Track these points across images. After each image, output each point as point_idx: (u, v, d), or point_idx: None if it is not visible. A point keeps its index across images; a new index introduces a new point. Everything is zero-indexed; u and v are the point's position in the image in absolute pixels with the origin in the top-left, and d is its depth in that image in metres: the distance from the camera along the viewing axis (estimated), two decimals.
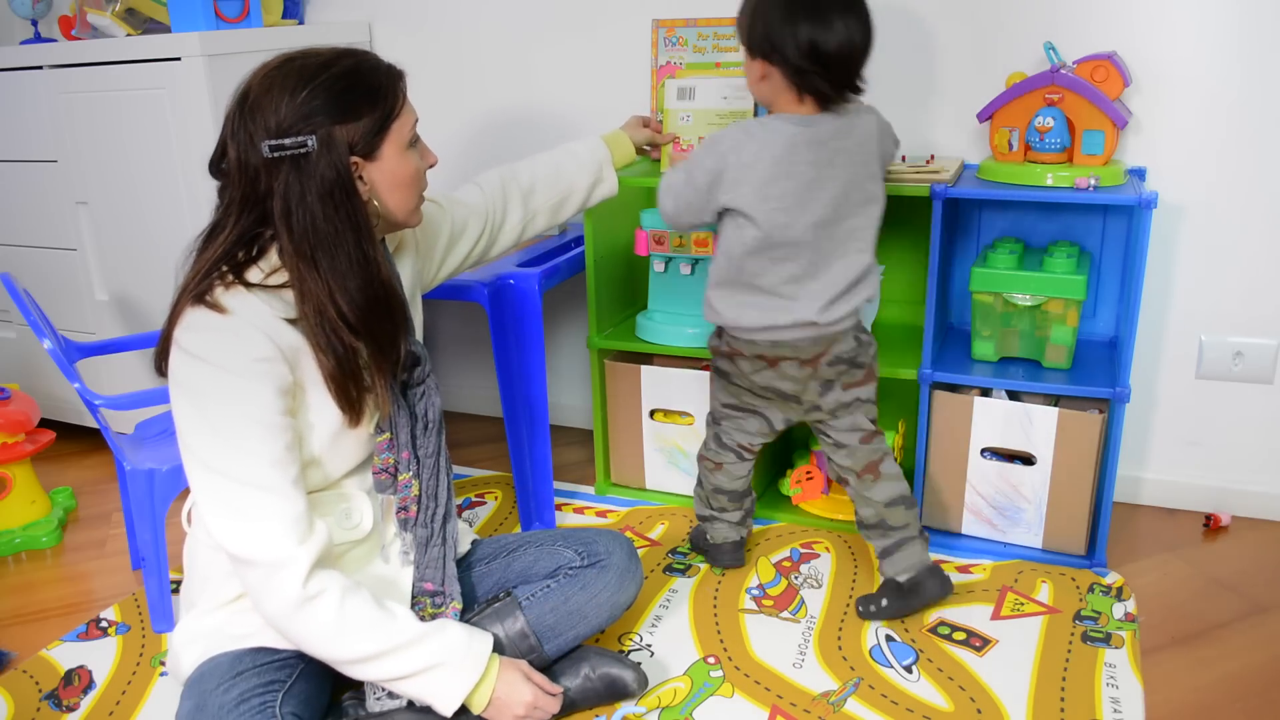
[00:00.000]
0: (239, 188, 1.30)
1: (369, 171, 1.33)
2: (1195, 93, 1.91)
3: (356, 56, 1.34)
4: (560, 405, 2.65)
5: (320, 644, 1.31)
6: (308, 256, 1.28)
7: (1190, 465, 2.11)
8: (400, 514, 1.46)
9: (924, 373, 1.89)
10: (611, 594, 1.55)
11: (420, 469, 1.47)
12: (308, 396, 1.35)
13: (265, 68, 1.31)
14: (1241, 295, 1.98)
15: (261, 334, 1.28)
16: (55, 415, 2.61)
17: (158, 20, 2.37)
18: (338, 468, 1.41)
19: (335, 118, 1.28)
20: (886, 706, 1.52)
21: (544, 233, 1.94)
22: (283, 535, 1.27)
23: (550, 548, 1.60)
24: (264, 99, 1.27)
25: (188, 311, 1.30)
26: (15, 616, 1.89)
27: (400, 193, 1.38)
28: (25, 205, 2.48)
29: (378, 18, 2.50)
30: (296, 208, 1.27)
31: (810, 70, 1.56)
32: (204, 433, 1.28)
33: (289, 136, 1.26)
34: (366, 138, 1.31)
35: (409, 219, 1.42)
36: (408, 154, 1.37)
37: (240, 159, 1.29)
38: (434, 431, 1.48)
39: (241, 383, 1.27)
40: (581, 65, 2.34)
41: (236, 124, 1.29)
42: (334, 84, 1.28)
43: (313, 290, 1.29)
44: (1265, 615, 1.74)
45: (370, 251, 1.32)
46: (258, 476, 1.27)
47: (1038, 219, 2.05)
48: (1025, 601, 1.78)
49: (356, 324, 1.32)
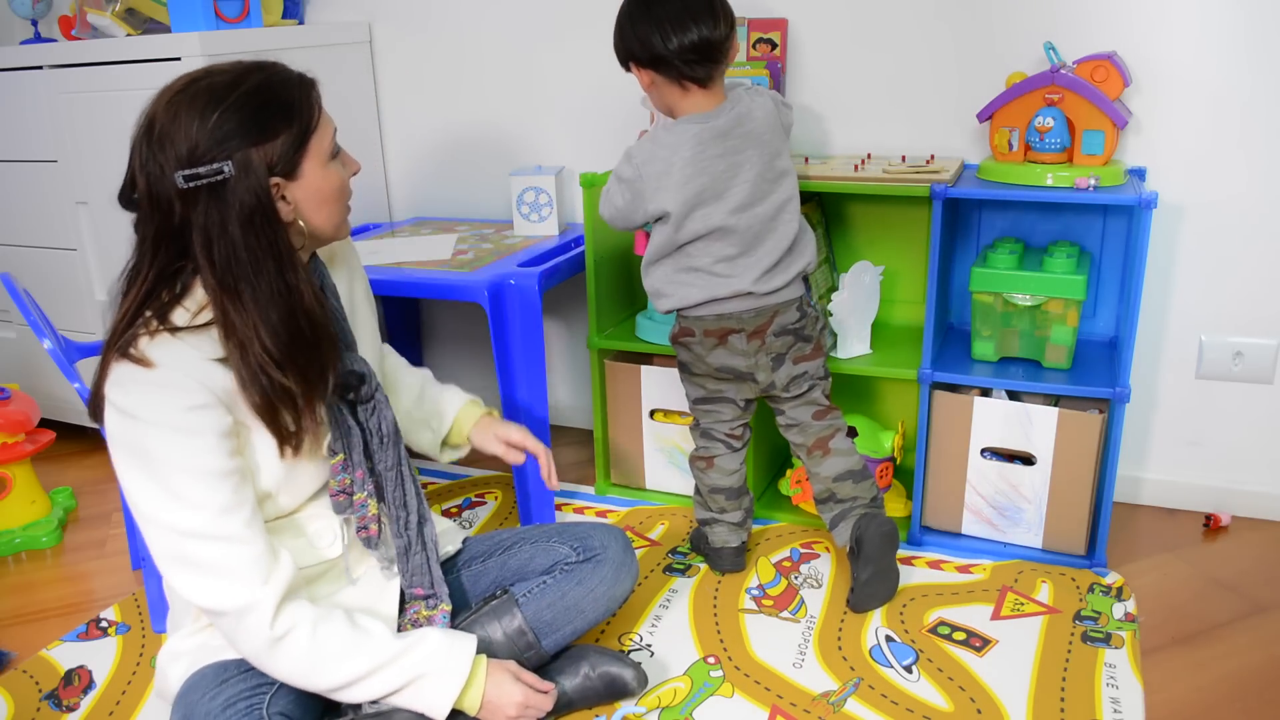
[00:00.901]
0: (153, 223, 1.23)
1: (291, 191, 1.26)
2: (1195, 93, 1.91)
3: (265, 70, 1.27)
4: (560, 405, 2.65)
5: (300, 677, 1.30)
6: (231, 289, 1.22)
7: (1190, 465, 2.11)
8: (361, 533, 1.43)
9: (924, 373, 1.89)
10: (608, 588, 1.54)
11: (383, 482, 1.44)
12: (252, 435, 1.30)
13: (169, 91, 1.23)
14: (1241, 295, 1.98)
15: (193, 381, 1.22)
16: (55, 415, 2.61)
17: (158, 20, 2.37)
18: (296, 497, 1.38)
19: (251, 139, 1.21)
20: (886, 706, 1.52)
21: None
22: (244, 582, 1.24)
23: (545, 544, 1.60)
24: (171, 126, 1.20)
25: (114, 366, 1.23)
26: (15, 616, 1.89)
27: (326, 208, 1.31)
28: (25, 205, 2.48)
29: (378, 18, 2.50)
30: (218, 239, 1.21)
31: (676, 59, 1.63)
32: (148, 490, 1.24)
33: (203, 164, 1.19)
34: (286, 157, 1.24)
35: (337, 233, 1.36)
36: (330, 167, 1.30)
37: (152, 191, 1.21)
38: (390, 444, 1.43)
39: (178, 437, 1.22)
40: (581, 65, 2.34)
41: (145, 155, 1.21)
42: (245, 103, 1.21)
43: (237, 325, 1.23)
44: (1265, 615, 1.74)
45: (292, 280, 1.26)
46: (208, 528, 1.23)
47: (1038, 219, 2.05)
48: (1025, 601, 1.78)
49: (281, 358, 1.26)
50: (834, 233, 2.18)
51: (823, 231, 2.12)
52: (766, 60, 2.14)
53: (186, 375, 1.23)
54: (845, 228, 2.17)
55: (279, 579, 1.27)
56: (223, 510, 1.24)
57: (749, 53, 2.16)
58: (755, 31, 2.15)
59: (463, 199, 2.55)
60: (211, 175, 1.19)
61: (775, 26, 2.14)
